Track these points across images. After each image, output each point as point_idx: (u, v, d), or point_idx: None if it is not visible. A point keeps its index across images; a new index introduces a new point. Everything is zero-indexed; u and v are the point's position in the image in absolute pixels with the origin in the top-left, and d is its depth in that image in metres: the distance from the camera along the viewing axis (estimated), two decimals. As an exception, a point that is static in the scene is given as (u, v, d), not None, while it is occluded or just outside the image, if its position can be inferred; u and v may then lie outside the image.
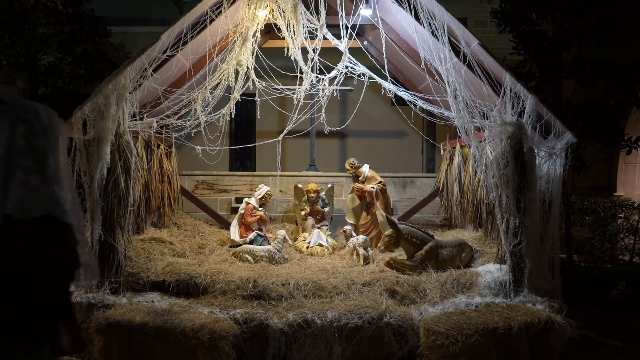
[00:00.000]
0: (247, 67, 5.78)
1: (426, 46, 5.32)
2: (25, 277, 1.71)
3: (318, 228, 7.12)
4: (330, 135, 7.01)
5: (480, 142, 5.58)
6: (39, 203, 1.76)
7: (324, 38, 5.55)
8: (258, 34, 5.76)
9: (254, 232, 6.70)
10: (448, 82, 5.22)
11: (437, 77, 5.40)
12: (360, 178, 7.19)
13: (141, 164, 6.17)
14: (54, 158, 1.86)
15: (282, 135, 6.60)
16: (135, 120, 5.52)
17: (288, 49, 5.63)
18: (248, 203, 6.92)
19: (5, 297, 1.70)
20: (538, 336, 4.38)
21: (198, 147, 6.20)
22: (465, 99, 5.19)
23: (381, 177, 7.23)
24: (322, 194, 7.41)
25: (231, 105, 6.04)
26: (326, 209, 7.37)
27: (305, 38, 5.53)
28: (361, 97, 6.10)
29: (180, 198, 7.66)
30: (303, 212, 7.33)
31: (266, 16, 5.68)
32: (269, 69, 5.92)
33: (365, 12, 5.99)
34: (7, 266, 1.70)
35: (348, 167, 7.27)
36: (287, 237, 6.42)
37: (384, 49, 5.76)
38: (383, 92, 5.69)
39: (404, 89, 5.70)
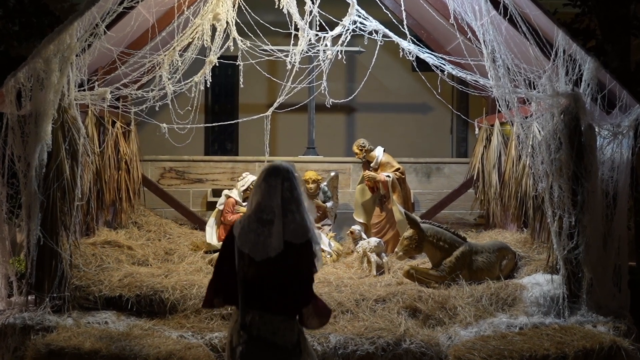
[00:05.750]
0: (227, 23, 5.75)
1: (457, -5, 5.30)
2: (294, 276, 3.27)
3: (318, 228, 7.10)
4: (334, 110, 6.96)
5: (526, 118, 5.56)
6: (303, 233, 3.27)
7: (326, -16, 5.52)
8: (241, -20, 5.73)
9: (236, 234, 6.67)
10: (484, 41, 5.21)
11: (470, 35, 5.39)
12: (372, 164, 7.17)
13: (92, 147, 6.14)
14: (304, 200, 3.37)
15: (271, 109, 6.58)
16: (84, 90, 5.49)
17: (279, -1, 5.59)
18: (229, 197, 6.93)
19: (276, 288, 3.27)
20: (600, 366, 4.38)
21: (164, 124, 6.19)
22: (507, 63, 5.19)
23: (399, 163, 7.21)
24: (324, 184, 7.41)
25: (206, 71, 6.02)
26: (328, 204, 7.36)
27: (302, -15, 5.50)
28: (373, 60, 6.09)
29: (141, 190, 7.65)
30: (299, 208, 7.30)
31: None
32: (255, 25, 5.88)
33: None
34: (285, 270, 3.25)
35: (357, 151, 7.24)
36: (278, 240, 6.39)
37: (402, -2, 5.73)
38: (401, 54, 5.69)
39: (428, 51, 5.69)
